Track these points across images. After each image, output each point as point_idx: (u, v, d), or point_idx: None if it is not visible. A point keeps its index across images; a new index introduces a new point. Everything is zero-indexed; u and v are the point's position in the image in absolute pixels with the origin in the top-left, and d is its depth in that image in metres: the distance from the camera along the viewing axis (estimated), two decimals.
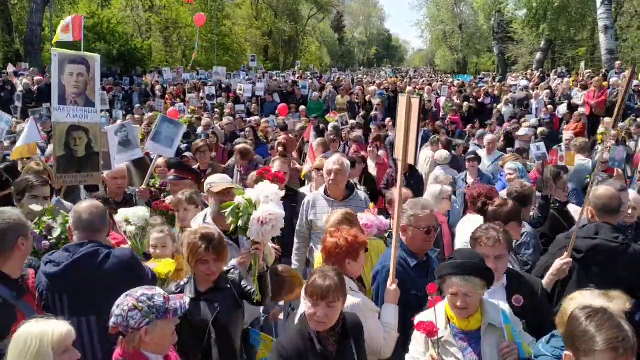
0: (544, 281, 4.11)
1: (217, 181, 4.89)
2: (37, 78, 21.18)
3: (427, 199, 4.50)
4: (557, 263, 4.15)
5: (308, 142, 11.25)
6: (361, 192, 5.86)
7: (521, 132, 12.34)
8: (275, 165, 6.34)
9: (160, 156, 7.54)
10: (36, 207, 4.27)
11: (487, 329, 3.23)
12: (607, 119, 15.22)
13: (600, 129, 14.27)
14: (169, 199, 5.96)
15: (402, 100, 3.91)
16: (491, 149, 10.33)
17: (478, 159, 9.00)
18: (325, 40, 69.00)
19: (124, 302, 2.80)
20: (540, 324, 3.60)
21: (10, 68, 23.71)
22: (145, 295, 2.83)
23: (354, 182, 6.46)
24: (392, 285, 3.79)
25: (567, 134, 12.37)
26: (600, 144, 13.20)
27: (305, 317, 3.20)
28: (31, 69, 24.34)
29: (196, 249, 3.64)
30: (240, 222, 3.85)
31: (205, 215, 4.81)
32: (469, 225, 4.68)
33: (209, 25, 40.26)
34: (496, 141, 10.65)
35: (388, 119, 15.99)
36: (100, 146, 4.89)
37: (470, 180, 8.62)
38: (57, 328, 2.61)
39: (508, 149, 11.40)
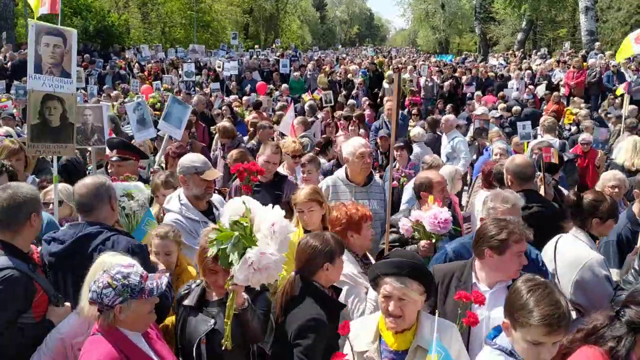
0: None
1: (200, 165, 4.61)
2: (10, 54, 20.67)
3: (512, 192, 4.08)
4: None
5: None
6: (378, 178, 5.58)
7: (479, 111, 12.11)
8: (267, 152, 5.75)
9: (170, 137, 7.53)
10: None
11: (417, 352, 2.81)
12: (576, 99, 15.34)
13: (574, 110, 14.32)
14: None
15: (395, 78, 4.05)
16: (447, 128, 10.22)
17: (408, 148, 8.28)
18: (306, 18, 68.37)
19: (100, 279, 2.75)
20: None
21: None
22: (121, 273, 2.76)
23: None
24: None
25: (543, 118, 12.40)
26: (570, 123, 13.30)
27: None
28: (4, 45, 23.72)
29: (204, 256, 3.07)
30: (231, 257, 2.86)
31: (179, 197, 4.59)
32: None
33: (188, 1, 39.65)
34: (453, 121, 10.48)
35: (365, 99, 16.06)
36: (75, 117, 4.74)
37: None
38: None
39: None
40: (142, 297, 2.78)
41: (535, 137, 9.70)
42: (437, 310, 2.86)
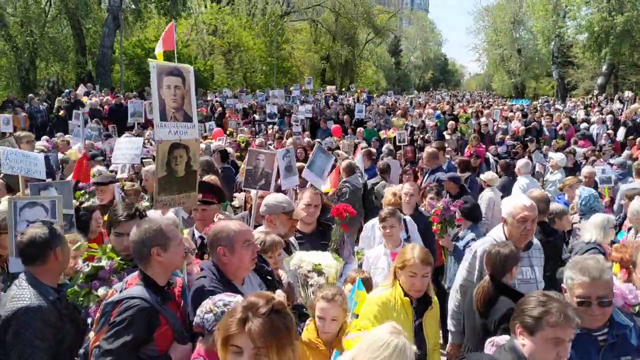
0: None
1: (287, 204, 4.95)
2: (106, 98, 22.33)
3: (600, 262, 3.33)
4: None
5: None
6: (536, 240, 4.92)
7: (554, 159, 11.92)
8: (306, 196, 5.62)
9: (312, 185, 7.35)
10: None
11: None
12: None
13: None
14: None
15: None
16: (518, 172, 10.28)
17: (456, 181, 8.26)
18: (381, 64, 69.44)
19: (204, 304, 2.97)
20: None
21: (81, 89, 25.08)
22: (223, 300, 2.93)
23: None
24: None
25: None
26: None
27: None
28: (103, 90, 25.66)
29: (227, 319, 2.18)
30: None
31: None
32: None
33: (269, 49, 41.48)
34: (522, 166, 10.35)
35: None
36: (198, 164, 4.44)
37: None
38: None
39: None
40: None
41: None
42: None
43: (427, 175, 9.85)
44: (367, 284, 4.44)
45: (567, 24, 41.73)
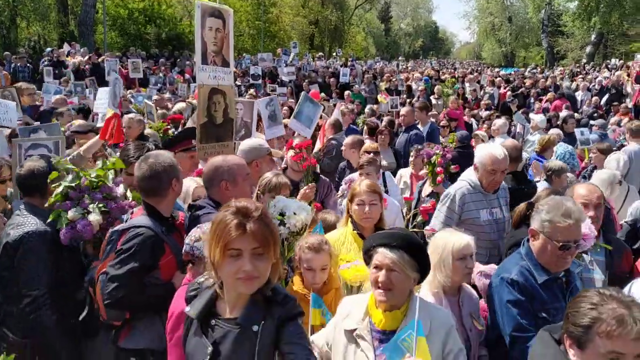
0: None
1: (266, 145, 4.88)
2: (87, 57, 22.00)
3: (576, 204, 3.25)
4: None
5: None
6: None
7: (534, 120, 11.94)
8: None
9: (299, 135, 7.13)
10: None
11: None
12: None
13: None
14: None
15: None
16: (495, 133, 10.34)
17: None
18: (371, 30, 68.70)
19: (193, 233, 2.98)
20: None
21: (66, 47, 24.61)
22: None
23: None
24: None
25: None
26: None
27: None
28: (82, 49, 25.19)
29: (224, 227, 2.11)
30: None
31: None
32: None
33: (256, 12, 40.83)
34: (500, 127, 10.41)
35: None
36: (234, 112, 4.36)
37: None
38: (458, 239, 3.42)
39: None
40: None
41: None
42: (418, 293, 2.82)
43: (402, 133, 9.81)
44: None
45: None
